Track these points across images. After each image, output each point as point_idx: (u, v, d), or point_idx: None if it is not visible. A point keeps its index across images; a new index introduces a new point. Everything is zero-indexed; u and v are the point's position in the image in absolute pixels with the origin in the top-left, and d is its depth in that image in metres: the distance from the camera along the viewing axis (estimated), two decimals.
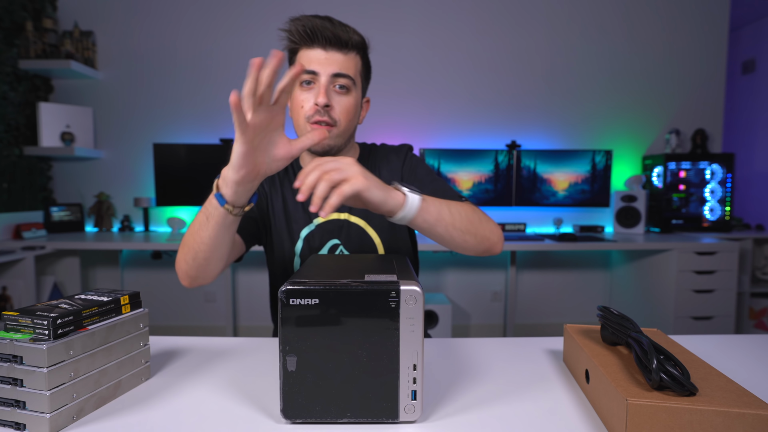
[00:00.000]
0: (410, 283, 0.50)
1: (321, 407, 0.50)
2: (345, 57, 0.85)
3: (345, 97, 0.86)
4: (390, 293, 0.49)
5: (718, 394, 0.46)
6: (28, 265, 2.24)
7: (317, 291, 0.49)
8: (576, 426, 0.52)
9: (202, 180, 2.69)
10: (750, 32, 3.57)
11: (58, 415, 0.49)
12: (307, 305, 0.49)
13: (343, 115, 0.86)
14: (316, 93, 0.84)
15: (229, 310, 2.76)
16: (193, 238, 0.74)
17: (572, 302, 2.99)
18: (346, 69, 0.85)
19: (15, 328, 0.51)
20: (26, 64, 2.53)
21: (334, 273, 0.55)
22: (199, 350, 0.76)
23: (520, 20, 2.87)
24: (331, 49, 0.84)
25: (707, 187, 2.79)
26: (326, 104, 0.83)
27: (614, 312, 0.61)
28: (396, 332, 0.49)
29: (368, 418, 0.51)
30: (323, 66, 0.83)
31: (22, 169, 2.56)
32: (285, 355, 0.49)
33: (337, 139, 0.87)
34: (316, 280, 0.51)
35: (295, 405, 0.50)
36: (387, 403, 0.50)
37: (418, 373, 0.50)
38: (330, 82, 0.84)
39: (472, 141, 2.90)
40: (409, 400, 0.50)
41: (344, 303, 0.49)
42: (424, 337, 0.53)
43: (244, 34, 2.79)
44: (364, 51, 0.89)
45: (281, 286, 0.50)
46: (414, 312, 0.49)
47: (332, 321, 0.49)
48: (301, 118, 0.86)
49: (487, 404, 0.57)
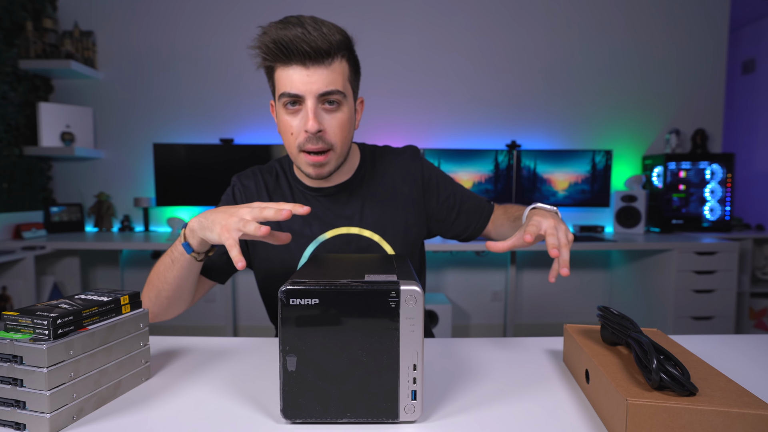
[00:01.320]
0: (410, 283, 0.50)
1: (321, 407, 0.50)
2: (329, 69, 0.74)
3: (337, 113, 0.77)
4: (390, 293, 0.49)
5: (718, 394, 0.46)
6: (28, 265, 2.24)
7: (317, 291, 0.49)
8: (576, 426, 0.52)
9: (202, 180, 2.69)
10: (750, 32, 3.57)
11: (58, 415, 0.49)
12: (307, 305, 0.49)
13: (337, 135, 0.78)
14: (304, 117, 0.75)
15: (229, 310, 2.76)
16: (158, 278, 0.78)
17: (572, 302, 2.99)
18: (333, 83, 0.75)
19: (15, 328, 0.51)
20: (26, 64, 2.53)
21: (334, 273, 0.55)
22: (199, 350, 0.76)
23: (520, 20, 2.87)
24: (312, 64, 0.73)
25: (707, 187, 2.79)
26: (318, 130, 0.75)
27: (614, 312, 0.61)
28: (396, 332, 0.49)
29: (368, 418, 0.51)
30: (306, 86, 0.73)
31: (22, 169, 2.56)
32: (285, 354, 0.49)
33: (336, 161, 0.81)
34: (316, 279, 0.50)
35: (295, 405, 0.50)
36: (387, 403, 0.50)
37: (418, 373, 0.50)
38: (317, 102, 0.75)
39: (472, 141, 2.90)
40: (409, 400, 0.50)
41: (344, 303, 0.49)
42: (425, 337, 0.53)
43: (244, 33, 2.79)
44: (349, 50, 0.78)
45: (281, 286, 0.49)
46: (414, 312, 0.49)
47: (332, 321, 0.49)
48: (293, 146, 0.79)
49: (486, 404, 0.57)
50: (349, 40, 0.78)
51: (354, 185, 0.91)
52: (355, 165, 0.92)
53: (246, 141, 2.83)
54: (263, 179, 0.93)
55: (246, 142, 2.82)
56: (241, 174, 0.95)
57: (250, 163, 2.69)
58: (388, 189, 0.92)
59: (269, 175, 0.93)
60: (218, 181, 2.69)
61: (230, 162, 2.70)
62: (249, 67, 2.81)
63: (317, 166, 0.80)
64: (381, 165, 0.94)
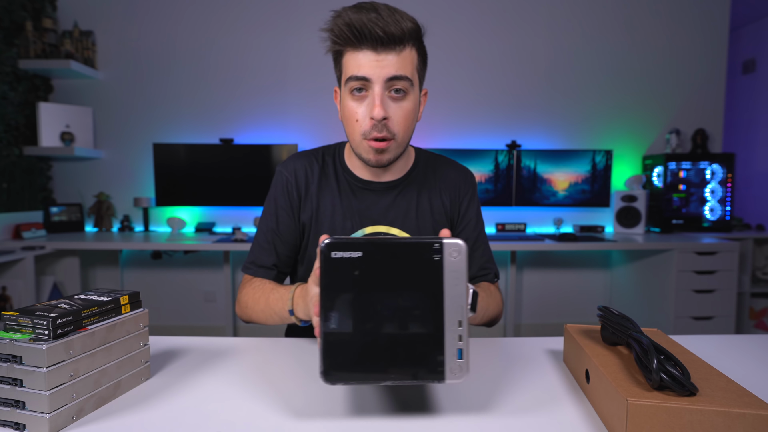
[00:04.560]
0: (453, 237, 0.48)
1: (363, 368, 0.47)
2: (399, 56, 0.74)
3: (403, 102, 0.77)
4: (433, 245, 0.48)
5: (718, 394, 0.46)
6: (28, 265, 2.24)
7: (360, 243, 0.47)
8: (576, 426, 0.52)
9: (201, 180, 2.69)
10: (750, 32, 3.57)
11: (57, 415, 0.49)
12: (349, 258, 0.47)
13: (401, 125, 0.78)
14: (370, 104, 0.75)
15: (229, 310, 2.76)
16: (255, 313, 0.83)
17: (572, 302, 2.99)
18: (402, 69, 0.74)
19: (14, 328, 0.51)
20: (26, 63, 2.53)
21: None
22: (199, 350, 0.76)
23: (520, 20, 2.87)
24: (382, 49, 0.73)
25: (707, 187, 2.79)
26: (384, 117, 0.75)
27: (614, 312, 0.61)
28: (440, 286, 0.48)
29: (413, 379, 0.48)
30: (375, 71, 0.73)
31: (21, 169, 2.56)
32: (326, 311, 0.47)
33: (396, 150, 0.81)
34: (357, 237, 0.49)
35: (337, 366, 0.47)
36: (433, 363, 0.48)
37: (464, 330, 0.48)
38: (385, 87, 0.74)
39: (473, 141, 2.90)
40: (455, 359, 0.48)
41: (387, 256, 0.47)
42: (469, 293, 0.51)
43: (244, 33, 2.79)
44: (419, 39, 0.78)
45: (322, 241, 0.48)
46: (458, 266, 0.48)
47: (375, 276, 0.47)
48: (356, 133, 0.78)
49: (486, 404, 0.57)
50: (420, 30, 0.77)
51: (404, 185, 0.91)
52: (408, 166, 0.92)
53: (246, 141, 2.83)
54: (309, 164, 0.91)
55: (246, 142, 2.82)
56: (285, 162, 0.93)
57: (250, 163, 2.69)
58: (435, 196, 0.93)
59: (316, 161, 0.92)
60: (218, 181, 2.69)
61: (230, 162, 2.69)
62: (249, 67, 2.81)
63: (378, 152, 0.79)
64: (432, 172, 0.94)
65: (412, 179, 0.92)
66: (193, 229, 2.81)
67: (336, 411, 0.55)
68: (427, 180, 0.93)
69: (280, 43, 2.80)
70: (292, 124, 2.85)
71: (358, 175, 0.90)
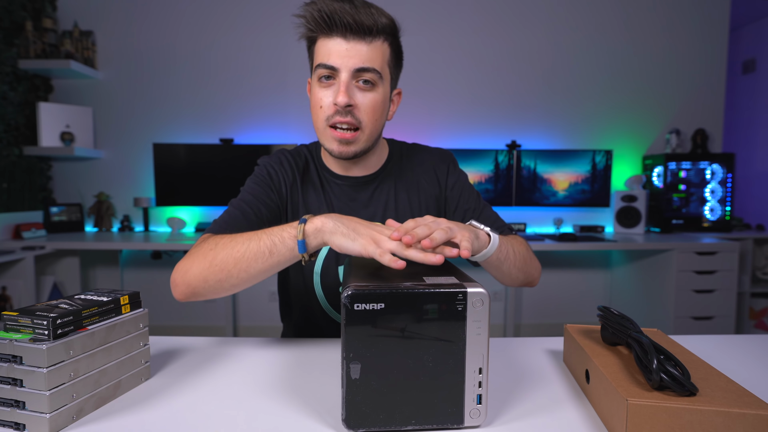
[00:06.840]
0: (476, 285, 0.49)
1: (385, 415, 0.48)
2: (369, 47, 0.74)
3: (370, 93, 0.76)
4: (457, 296, 0.48)
5: (718, 394, 0.46)
6: (28, 265, 2.24)
7: (384, 294, 0.47)
8: (576, 426, 0.52)
9: (202, 180, 2.69)
10: (750, 32, 3.57)
11: (57, 415, 0.49)
12: (372, 310, 0.47)
13: (368, 115, 0.77)
14: (335, 90, 0.75)
15: (229, 310, 2.76)
16: (235, 263, 0.65)
17: (572, 302, 2.99)
18: (371, 61, 0.74)
19: (15, 328, 0.51)
20: (26, 63, 2.53)
21: (388, 276, 0.53)
22: (199, 350, 0.76)
23: (520, 20, 2.87)
24: (352, 38, 0.73)
25: (707, 187, 2.79)
26: (347, 104, 0.74)
27: (614, 312, 0.61)
28: (463, 335, 0.48)
29: (433, 425, 0.49)
30: (343, 59, 0.73)
31: (21, 169, 2.56)
32: (349, 362, 0.47)
33: (364, 143, 0.79)
34: (378, 283, 0.49)
35: (359, 414, 0.48)
36: (452, 408, 0.49)
37: (483, 376, 0.49)
38: (352, 77, 0.74)
39: (472, 141, 2.90)
40: (474, 404, 0.49)
41: (411, 306, 0.48)
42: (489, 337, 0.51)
43: (244, 32, 2.79)
44: (393, 36, 0.78)
45: (344, 291, 0.47)
46: (480, 315, 0.48)
47: (398, 325, 0.48)
48: (320, 119, 0.77)
49: (486, 404, 0.57)
50: (396, 27, 0.77)
51: (380, 179, 0.90)
52: (383, 158, 0.91)
53: (246, 141, 2.83)
54: (294, 162, 0.89)
55: (246, 142, 2.82)
56: (270, 157, 0.89)
57: (250, 163, 2.68)
58: (413, 186, 0.91)
59: (299, 159, 0.90)
60: (218, 181, 2.69)
61: (230, 162, 2.69)
62: (249, 67, 2.81)
63: (343, 143, 0.77)
64: (409, 162, 0.93)
65: (388, 172, 0.91)
66: (193, 229, 2.81)
67: (336, 411, 0.55)
68: (403, 171, 0.92)
69: (280, 43, 2.80)
70: (292, 124, 2.85)
71: (336, 171, 0.89)
